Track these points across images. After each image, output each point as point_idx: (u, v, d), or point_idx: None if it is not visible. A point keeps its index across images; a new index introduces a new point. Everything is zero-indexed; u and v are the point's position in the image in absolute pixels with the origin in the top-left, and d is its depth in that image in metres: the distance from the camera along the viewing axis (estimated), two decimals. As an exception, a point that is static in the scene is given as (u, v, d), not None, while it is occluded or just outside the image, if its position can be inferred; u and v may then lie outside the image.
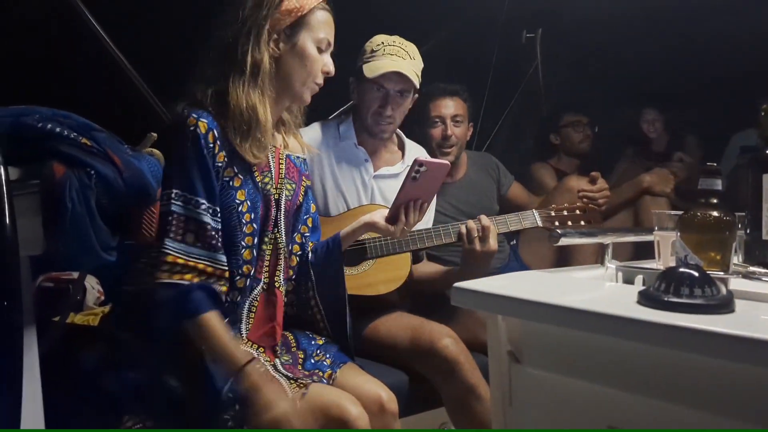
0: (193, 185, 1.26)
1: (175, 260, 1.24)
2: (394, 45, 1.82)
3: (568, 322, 0.91)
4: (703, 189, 1.09)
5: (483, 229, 1.72)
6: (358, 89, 1.88)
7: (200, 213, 1.26)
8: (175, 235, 1.25)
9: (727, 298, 0.87)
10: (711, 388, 0.81)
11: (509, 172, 2.38)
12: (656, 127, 2.97)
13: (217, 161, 1.29)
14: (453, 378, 1.63)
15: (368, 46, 1.85)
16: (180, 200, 1.25)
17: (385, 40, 1.83)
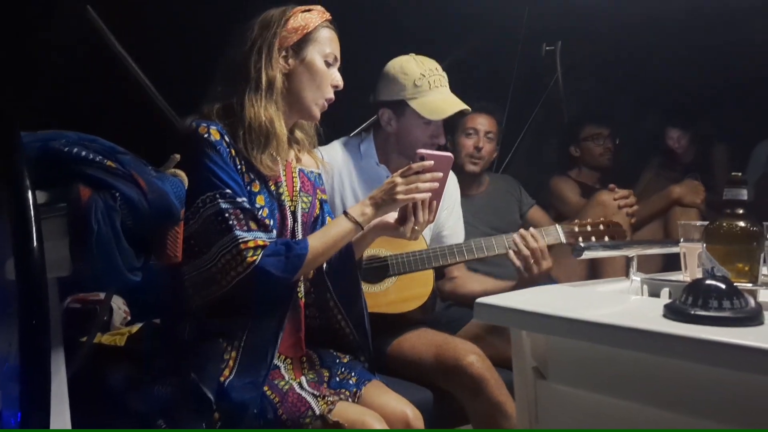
0: (227, 183, 1.30)
1: (255, 244, 1.28)
2: (437, 75, 1.80)
3: (592, 336, 0.90)
4: (729, 199, 1.07)
5: (534, 252, 1.73)
6: (398, 120, 1.84)
7: (244, 203, 1.31)
8: (240, 225, 1.29)
9: (756, 310, 0.85)
10: (741, 403, 0.79)
11: (530, 196, 2.42)
12: (681, 144, 2.93)
13: (237, 163, 1.34)
14: (479, 395, 1.62)
15: (405, 78, 1.79)
16: (222, 198, 1.29)
17: (423, 70, 1.79)
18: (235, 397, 1.26)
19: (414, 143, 1.80)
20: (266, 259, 1.28)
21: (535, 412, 1.05)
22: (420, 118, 1.78)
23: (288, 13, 1.40)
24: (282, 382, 1.33)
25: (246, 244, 1.27)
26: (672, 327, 0.83)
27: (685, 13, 2.61)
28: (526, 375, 1.06)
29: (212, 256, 1.28)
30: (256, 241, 1.28)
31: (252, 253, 1.27)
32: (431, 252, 1.77)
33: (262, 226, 1.32)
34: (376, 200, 1.40)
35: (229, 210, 1.29)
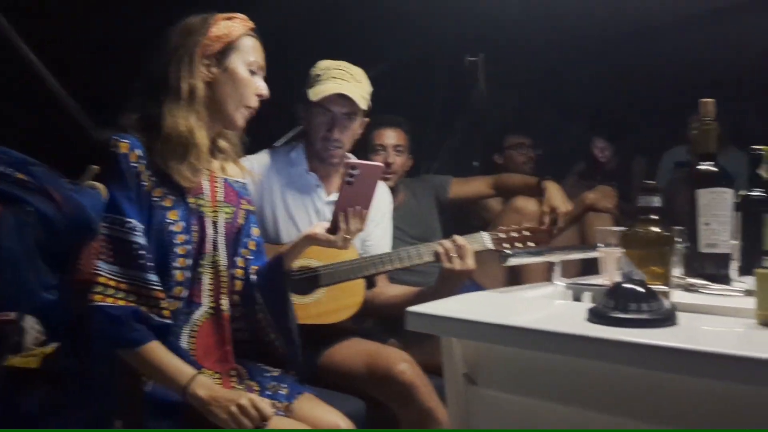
0: (118, 205, 1.27)
1: (107, 282, 1.24)
2: (339, 69, 1.83)
3: (521, 341, 0.92)
4: (643, 206, 1.13)
5: (459, 248, 1.73)
6: (305, 115, 1.88)
7: (127, 232, 1.26)
8: (106, 256, 1.26)
9: (670, 311, 0.90)
10: (662, 402, 0.83)
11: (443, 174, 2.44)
12: (606, 154, 3.08)
13: (143, 180, 1.30)
14: (410, 402, 1.63)
15: (313, 71, 1.86)
16: (108, 221, 1.27)
17: (330, 64, 1.85)
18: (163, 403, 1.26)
19: (314, 138, 1.84)
20: (108, 308, 1.23)
21: (466, 417, 1.07)
22: (318, 107, 1.80)
23: (210, 20, 1.38)
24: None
25: (97, 277, 1.24)
26: (595, 330, 0.86)
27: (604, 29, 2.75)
28: (457, 381, 1.07)
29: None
30: (106, 279, 1.24)
31: (96, 289, 1.24)
32: (362, 261, 1.77)
33: (135, 265, 1.26)
34: (217, 399, 1.25)
35: (105, 235, 1.26)
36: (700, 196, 1.32)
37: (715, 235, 1.29)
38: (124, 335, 1.25)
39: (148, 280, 1.27)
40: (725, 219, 1.30)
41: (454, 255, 1.72)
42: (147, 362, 1.26)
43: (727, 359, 0.75)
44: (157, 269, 1.29)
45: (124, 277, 1.26)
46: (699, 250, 1.31)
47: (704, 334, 0.90)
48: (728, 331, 0.90)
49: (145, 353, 1.25)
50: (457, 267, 1.71)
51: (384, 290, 1.95)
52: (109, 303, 1.24)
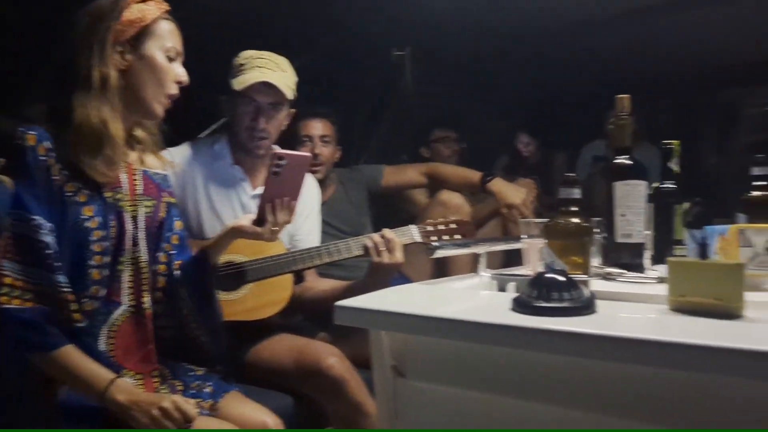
0: (24, 201, 1.20)
1: (13, 282, 1.18)
2: (263, 58, 1.79)
3: (448, 332, 0.93)
4: (564, 198, 1.17)
5: (388, 242, 1.73)
6: (229, 105, 1.83)
7: (33, 230, 1.19)
8: (12, 255, 1.19)
9: (590, 299, 0.93)
10: (585, 388, 0.86)
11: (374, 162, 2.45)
12: (529, 149, 3.18)
13: (53, 174, 1.22)
14: (339, 397, 1.63)
15: (236, 60, 1.81)
16: (13, 218, 1.20)
17: (254, 54, 1.80)
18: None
19: (238, 129, 1.80)
20: (15, 310, 1.18)
21: (395, 410, 1.07)
22: (242, 97, 1.77)
23: (121, 3, 1.29)
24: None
25: (2, 278, 1.18)
26: (520, 319, 0.88)
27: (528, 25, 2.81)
28: (385, 374, 1.07)
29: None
30: (12, 279, 1.18)
31: (2, 290, 1.18)
32: (290, 256, 1.74)
33: (42, 265, 1.20)
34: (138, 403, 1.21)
35: (10, 233, 1.20)
36: (617, 189, 1.37)
37: (630, 225, 1.35)
38: (35, 339, 1.18)
39: (56, 281, 1.20)
40: (639, 210, 1.36)
41: (383, 249, 1.72)
42: (61, 367, 1.20)
43: (643, 344, 0.78)
44: (71, 268, 1.23)
45: (31, 278, 1.19)
46: (615, 240, 1.36)
47: (621, 320, 0.93)
48: (643, 317, 0.94)
49: (59, 358, 1.19)
50: (386, 261, 1.72)
51: (313, 285, 1.93)
52: (16, 305, 1.17)
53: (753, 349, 0.73)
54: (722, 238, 1.25)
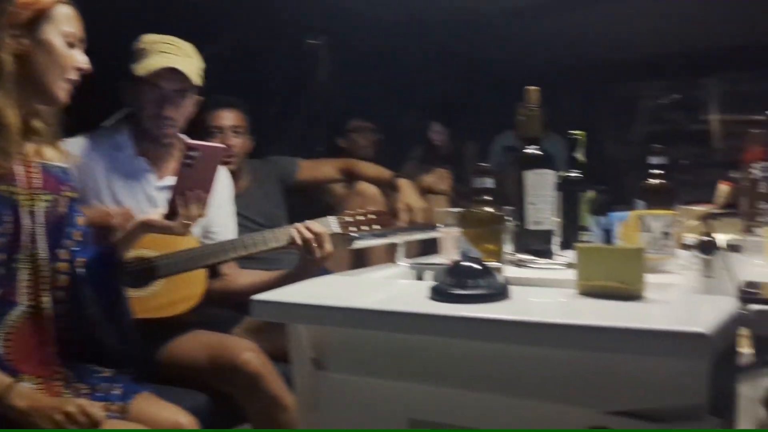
0: None
1: None
2: (167, 43, 1.71)
3: (366, 323, 0.93)
4: (477, 187, 1.19)
5: (318, 236, 1.70)
6: (131, 93, 1.74)
7: None
8: None
9: (504, 285, 0.95)
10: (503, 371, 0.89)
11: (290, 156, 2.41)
12: (442, 138, 3.23)
13: None
14: (256, 391, 1.59)
15: (138, 45, 1.71)
16: None
17: (157, 38, 1.71)
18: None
19: (142, 117, 1.72)
20: None
21: (315, 403, 1.06)
22: (146, 84, 1.68)
23: None
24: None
25: None
26: (438, 307, 0.89)
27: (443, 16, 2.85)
28: (305, 367, 1.06)
29: None
30: None
31: None
32: (204, 250, 1.69)
33: None
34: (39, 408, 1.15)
35: None
36: (527, 178, 1.42)
37: (540, 213, 1.40)
38: None
39: None
40: (548, 198, 1.41)
41: (314, 244, 1.71)
42: None
43: (554, 328, 0.81)
44: None
45: None
46: (526, 228, 1.41)
47: (534, 305, 0.97)
48: (554, 302, 0.98)
49: None
50: (318, 255, 1.71)
51: (236, 278, 1.89)
52: None
53: (651, 329, 0.77)
54: (624, 224, 1.32)
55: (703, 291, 1.14)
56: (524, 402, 0.87)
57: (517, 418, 0.88)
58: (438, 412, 0.94)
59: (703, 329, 0.74)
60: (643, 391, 0.81)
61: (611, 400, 0.82)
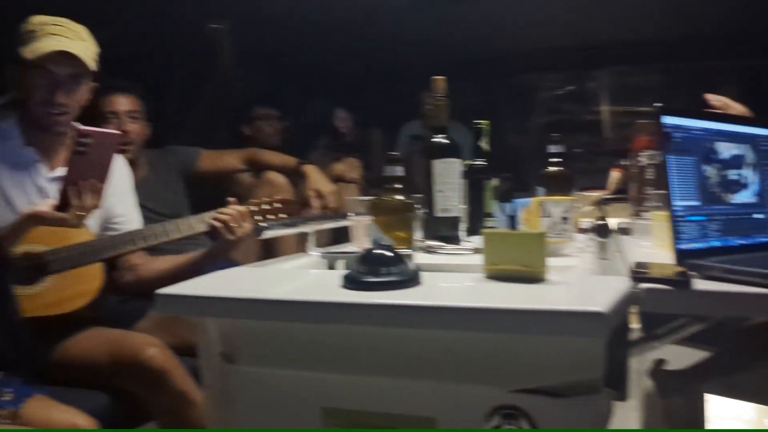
0: None
1: None
2: (58, 25, 1.60)
3: (278, 314, 0.92)
4: (388, 175, 1.20)
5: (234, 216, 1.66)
6: (19, 78, 1.61)
7: None
8: None
9: (415, 272, 0.97)
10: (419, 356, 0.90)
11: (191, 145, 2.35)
12: (347, 125, 3.23)
13: None
14: (162, 388, 1.54)
15: (25, 27, 1.59)
16: None
17: (47, 20, 1.60)
18: None
19: (32, 104, 1.61)
20: None
21: (225, 397, 1.04)
22: (35, 69, 1.57)
23: None
24: None
25: None
26: (350, 296, 0.89)
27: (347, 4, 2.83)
28: (214, 361, 1.03)
29: None
30: None
31: None
32: (102, 243, 1.60)
33: None
34: None
35: None
36: (435, 166, 1.44)
37: (447, 200, 1.43)
38: None
39: None
40: (455, 186, 1.45)
41: (232, 224, 1.67)
42: None
43: (464, 311, 0.83)
44: None
45: None
46: (435, 215, 1.44)
47: (444, 290, 0.99)
48: (462, 286, 1.00)
49: None
50: (238, 233, 1.68)
51: (148, 266, 1.80)
52: None
53: (553, 309, 0.81)
54: (526, 210, 1.37)
55: (599, 272, 1.20)
56: (435, 384, 0.89)
57: (427, 401, 0.90)
58: (351, 400, 0.94)
59: (600, 308, 0.78)
60: (546, 368, 0.85)
61: (517, 378, 0.86)
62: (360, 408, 0.94)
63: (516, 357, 0.86)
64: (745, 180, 1.18)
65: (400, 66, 3.48)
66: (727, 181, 1.14)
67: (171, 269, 1.77)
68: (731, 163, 1.15)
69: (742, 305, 0.93)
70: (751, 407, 1.87)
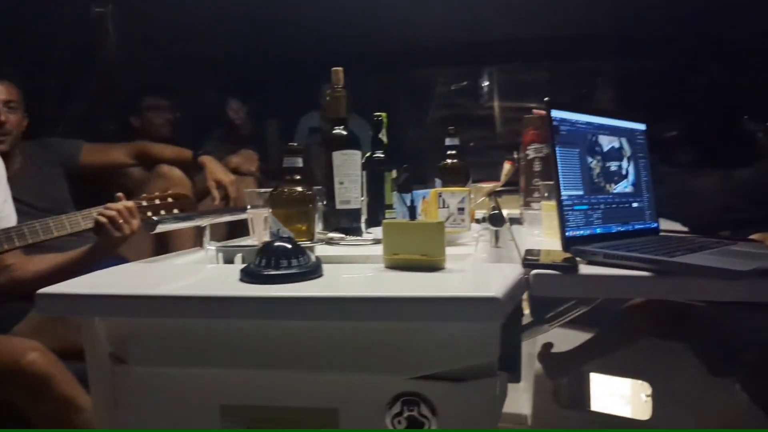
0: None
1: None
2: None
3: (173, 311, 0.88)
4: (288, 167, 1.18)
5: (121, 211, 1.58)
6: None
7: None
8: None
9: (316, 264, 0.96)
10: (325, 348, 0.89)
11: (73, 134, 2.23)
12: (240, 115, 3.15)
13: None
14: (45, 395, 1.44)
15: None
16: None
17: None
18: None
19: None
20: None
21: (115, 400, 0.98)
22: None
23: None
24: None
25: None
26: (249, 290, 0.87)
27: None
28: (102, 363, 0.97)
29: None
30: None
31: None
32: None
33: None
34: None
35: None
36: (335, 158, 1.44)
37: (348, 192, 1.44)
38: None
39: None
40: (355, 178, 1.45)
41: (120, 220, 1.58)
42: None
43: (364, 301, 0.84)
44: None
45: None
46: (336, 207, 1.44)
47: (345, 281, 0.99)
48: (363, 277, 1.01)
49: None
50: (126, 231, 1.60)
51: (24, 266, 1.67)
52: None
53: (450, 296, 0.84)
54: (425, 201, 1.40)
55: (493, 260, 1.25)
56: (336, 375, 0.89)
57: (329, 392, 0.90)
58: (251, 396, 0.92)
59: (495, 293, 0.82)
60: (445, 354, 0.87)
61: (417, 365, 0.88)
62: (260, 403, 0.92)
63: (416, 344, 0.88)
64: (624, 171, 1.27)
65: (298, 56, 3.44)
66: (609, 172, 1.22)
67: (50, 269, 1.65)
68: (612, 155, 1.23)
69: (621, 288, 1.00)
70: (629, 383, 2.03)
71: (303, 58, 3.38)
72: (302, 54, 3.38)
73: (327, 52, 3.14)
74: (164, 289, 0.94)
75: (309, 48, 3.34)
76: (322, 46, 3.18)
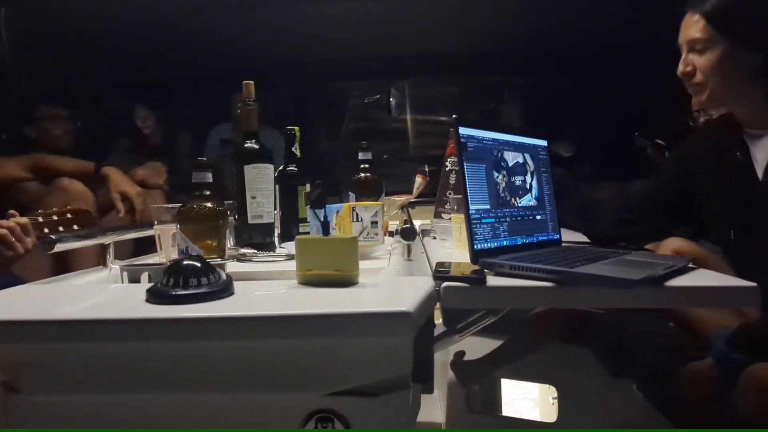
0: None
1: None
2: None
3: (72, 335, 0.83)
4: (197, 182, 1.15)
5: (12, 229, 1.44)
6: None
7: None
8: None
9: (227, 282, 0.94)
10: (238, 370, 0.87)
11: None
12: (148, 124, 3.03)
13: None
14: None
15: None
16: None
17: None
18: None
19: None
20: None
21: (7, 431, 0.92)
22: None
23: None
24: None
25: None
26: (156, 311, 0.84)
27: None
28: (-7, 393, 0.91)
29: None
30: None
31: None
32: None
33: None
34: None
35: None
36: (247, 172, 1.42)
37: (260, 207, 1.42)
38: None
39: None
40: (268, 192, 1.44)
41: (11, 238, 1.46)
42: None
43: (276, 320, 0.83)
44: None
45: None
46: (248, 222, 1.41)
47: (257, 299, 0.97)
48: (276, 294, 1.00)
49: None
50: (20, 249, 1.47)
51: None
52: None
53: (363, 312, 0.84)
54: (338, 215, 1.40)
55: (406, 273, 1.27)
56: (249, 396, 0.87)
57: (242, 413, 0.88)
58: (159, 421, 0.89)
59: (407, 308, 0.83)
60: (359, 369, 0.88)
61: (331, 382, 0.87)
62: (170, 428, 0.88)
63: (329, 361, 0.87)
64: (528, 185, 1.32)
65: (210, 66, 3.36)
66: (514, 186, 1.27)
67: None
68: (516, 170, 1.29)
69: (525, 298, 1.04)
70: (537, 387, 2.11)
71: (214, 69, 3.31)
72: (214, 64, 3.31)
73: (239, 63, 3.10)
74: (62, 312, 0.89)
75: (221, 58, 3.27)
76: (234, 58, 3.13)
